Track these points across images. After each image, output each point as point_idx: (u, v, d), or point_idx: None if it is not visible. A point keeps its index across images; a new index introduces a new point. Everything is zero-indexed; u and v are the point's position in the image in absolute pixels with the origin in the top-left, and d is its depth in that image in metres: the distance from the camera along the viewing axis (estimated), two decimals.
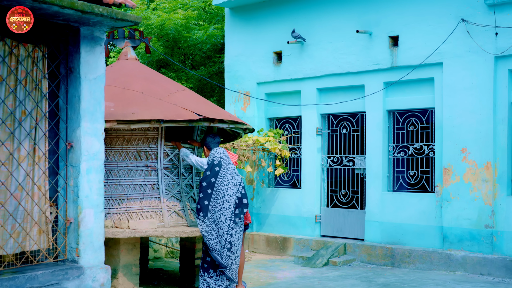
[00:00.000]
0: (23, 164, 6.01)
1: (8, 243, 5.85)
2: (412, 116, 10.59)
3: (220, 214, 6.93)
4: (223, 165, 6.94)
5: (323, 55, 11.47)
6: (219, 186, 6.86)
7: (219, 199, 6.87)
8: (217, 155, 7.01)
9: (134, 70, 8.61)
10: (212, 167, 6.97)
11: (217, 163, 6.94)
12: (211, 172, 6.94)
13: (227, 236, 6.90)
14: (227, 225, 6.86)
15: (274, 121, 12.50)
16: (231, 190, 6.88)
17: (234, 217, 6.97)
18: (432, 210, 10.10)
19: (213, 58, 16.21)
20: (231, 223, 6.89)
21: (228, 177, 6.90)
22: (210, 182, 6.90)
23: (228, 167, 6.97)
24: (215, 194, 6.86)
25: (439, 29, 10.02)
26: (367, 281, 8.95)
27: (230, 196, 6.89)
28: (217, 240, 6.96)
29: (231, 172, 6.96)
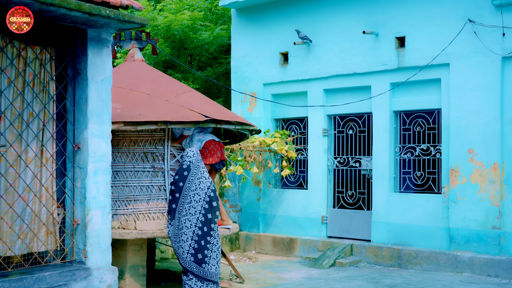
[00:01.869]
0: (30, 165, 6.04)
1: (16, 244, 5.89)
2: (418, 117, 10.57)
3: (185, 219, 6.90)
4: (192, 169, 6.90)
5: (329, 56, 11.46)
6: (186, 191, 6.83)
7: (185, 204, 6.84)
8: (187, 159, 6.97)
9: (141, 72, 8.64)
10: (181, 171, 6.95)
11: (186, 167, 6.91)
12: (179, 177, 6.92)
13: (191, 242, 6.88)
14: (191, 231, 6.83)
15: (280, 122, 12.51)
16: (197, 196, 6.84)
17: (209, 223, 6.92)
18: (439, 211, 10.08)
19: (219, 59, 16.23)
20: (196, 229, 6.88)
21: (196, 182, 6.86)
22: (178, 186, 6.88)
23: (197, 172, 6.91)
24: (182, 199, 6.83)
25: (446, 29, 10.00)
26: (374, 282, 8.95)
27: (197, 202, 6.85)
28: (179, 245, 6.94)
29: (200, 176, 6.90)
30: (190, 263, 6.84)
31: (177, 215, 6.85)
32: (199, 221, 6.79)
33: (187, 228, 6.80)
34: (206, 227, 6.81)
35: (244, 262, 10.97)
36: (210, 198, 6.88)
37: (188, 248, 6.85)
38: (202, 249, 6.85)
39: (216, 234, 7.01)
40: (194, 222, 6.78)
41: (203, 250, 6.85)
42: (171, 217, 6.95)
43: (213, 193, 6.91)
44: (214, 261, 7.00)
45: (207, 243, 6.85)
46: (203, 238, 6.84)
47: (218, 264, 7.09)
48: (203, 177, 6.87)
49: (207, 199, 6.86)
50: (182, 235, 6.81)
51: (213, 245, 6.95)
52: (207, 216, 6.79)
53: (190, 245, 6.82)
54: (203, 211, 6.80)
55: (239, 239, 12.42)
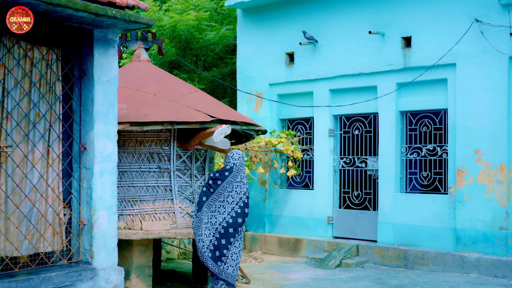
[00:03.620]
0: (37, 166, 6.05)
1: (23, 245, 5.90)
2: (425, 117, 10.54)
3: (212, 215, 6.93)
4: (234, 171, 6.93)
5: (335, 56, 11.44)
6: (222, 190, 6.85)
7: (217, 202, 6.86)
8: (231, 161, 6.98)
9: (147, 72, 8.64)
10: (223, 170, 6.97)
11: (229, 168, 6.93)
12: (220, 175, 6.94)
13: (212, 238, 6.91)
14: (215, 228, 6.86)
15: (286, 122, 12.49)
16: (231, 198, 6.87)
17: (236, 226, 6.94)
18: (446, 212, 10.05)
19: (225, 59, 16.23)
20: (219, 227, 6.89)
21: (234, 184, 6.88)
22: (215, 183, 6.90)
23: (237, 175, 6.94)
24: (215, 196, 6.85)
25: (452, 29, 9.97)
26: (380, 283, 8.92)
27: (229, 203, 6.88)
28: (200, 238, 6.99)
29: (239, 180, 6.93)
30: (207, 258, 6.85)
31: (205, 209, 6.85)
32: (225, 221, 6.81)
33: (211, 225, 6.81)
34: (232, 228, 6.85)
35: (250, 263, 10.96)
36: (244, 204, 6.91)
37: (208, 243, 6.85)
38: (222, 248, 6.86)
39: (239, 238, 7.03)
40: (219, 221, 6.81)
41: (223, 249, 6.87)
42: (198, 209, 6.94)
43: (247, 200, 6.94)
44: (233, 262, 7.01)
45: (228, 243, 6.87)
46: (226, 237, 6.85)
47: (236, 267, 7.08)
48: (242, 182, 6.91)
49: (241, 204, 6.89)
50: (205, 230, 6.82)
51: (234, 247, 6.96)
52: (237, 219, 6.81)
53: (211, 241, 6.84)
54: (233, 214, 6.83)
55: (244, 239, 12.41)
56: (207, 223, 6.93)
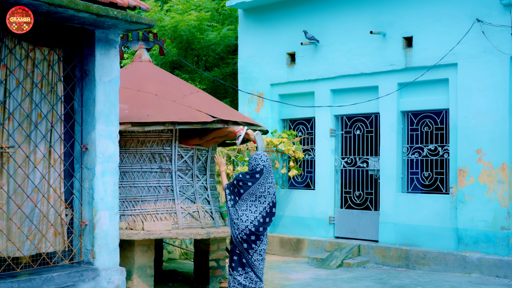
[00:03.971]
0: (39, 166, 6.05)
1: (25, 245, 5.91)
2: (426, 117, 10.54)
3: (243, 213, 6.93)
4: (264, 173, 6.94)
5: (336, 56, 11.44)
6: (253, 190, 6.85)
7: (248, 201, 6.87)
8: (261, 163, 6.98)
9: (148, 72, 8.65)
10: (253, 172, 6.96)
11: (259, 170, 6.92)
12: (251, 177, 6.93)
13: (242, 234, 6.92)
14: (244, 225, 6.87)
15: (287, 122, 12.50)
16: (263, 198, 6.89)
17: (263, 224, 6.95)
18: (447, 212, 10.05)
19: (226, 59, 16.24)
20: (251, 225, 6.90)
21: (266, 185, 6.92)
22: (246, 184, 6.88)
23: (268, 176, 6.96)
24: (246, 196, 6.86)
25: (453, 29, 9.97)
26: (382, 283, 8.92)
27: (261, 203, 6.91)
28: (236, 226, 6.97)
29: (270, 181, 6.97)
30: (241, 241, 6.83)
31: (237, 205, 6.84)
32: (257, 220, 6.83)
33: (241, 222, 6.81)
34: (262, 227, 6.85)
35: None
36: (273, 204, 6.94)
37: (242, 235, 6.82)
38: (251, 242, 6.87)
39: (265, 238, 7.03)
40: (251, 219, 6.81)
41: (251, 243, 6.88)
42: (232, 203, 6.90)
43: (275, 199, 6.97)
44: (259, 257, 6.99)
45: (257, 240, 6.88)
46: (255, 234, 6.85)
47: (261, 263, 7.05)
48: (272, 183, 6.93)
49: (271, 204, 6.90)
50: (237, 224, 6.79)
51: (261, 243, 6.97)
52: (266, 218, 6.82)
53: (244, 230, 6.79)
54: (264, 213, 6.83)
55: None
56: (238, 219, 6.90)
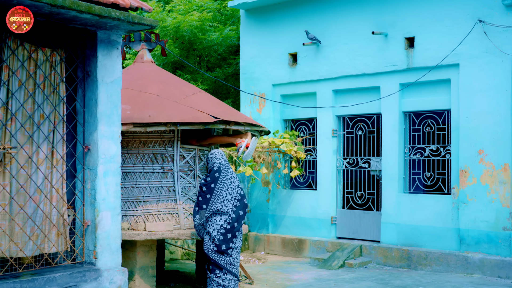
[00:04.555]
0: (41, 167, 6.07)
1: (28, 246, 5.92)
2: (428, 118, 10.54)
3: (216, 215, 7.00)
4: (222, 170, 7.02)
5: (338, 56, 11.45)
6: (218, 191, 6.95)
7: (218, 204, 6.95)
8: (216, 161, 7.09)
9: (150, 73, 8.66)
10: (212, 173, 7.05)
11: (217, 169, 7.02)
12: (211, 178, 7.03)
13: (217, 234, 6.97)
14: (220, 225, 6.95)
15: (289, 122, 12.50)
16: (229, 195, 6.99)
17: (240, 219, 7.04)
18: (449, 212, 10.04)
19: (228, 59, 16.24)
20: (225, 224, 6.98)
21: (227, 182, 7.00)
22: (209, 187, 7.00)
23: (227, 172, 7.05)
24: (214, 199, 6.94)
25: (455, 30, 9.96)
26: (383, 283, 8.93)
27: (229, 200, 7.00)
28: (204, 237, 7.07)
29: (230, 177, 7.06)
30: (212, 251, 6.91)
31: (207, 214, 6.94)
32: (230, 217, 6.90)
33: (216, 222, 6.90)
34: (237, 223, 6.94)
35: (254, 263, 10.97)
36: (241, 196, 7.03)
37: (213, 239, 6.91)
38: (228, 242, 6.92)
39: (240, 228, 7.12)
40: (225, 218, 6.89)
41: (229, 242, 6.93)
42: (200, 217, 7.02)
43: (242, 191, 7.08)
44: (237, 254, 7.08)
45: (233, 237, 6.94)
46: (231, 232, 6.92)
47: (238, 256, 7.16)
48: (233, 177, 7.05)
49: (238, 197, 6.99)
50: (209, 226, 6.90)
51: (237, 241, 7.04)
52: (238, 213, 6.93)
53: (215, 236, 6.90)
54: (234, 208, 6.94)
55: (248, 239, 12.43)
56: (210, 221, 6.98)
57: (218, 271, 6.97)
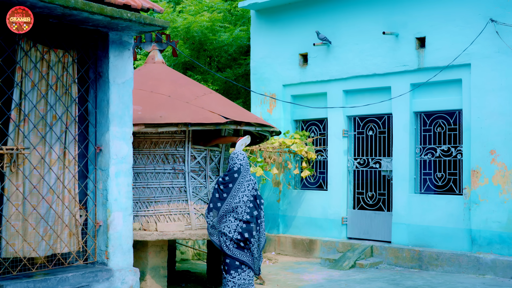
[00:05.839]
0: (54, 168, 6.10)
1: (41, 246, 5.96)
2: (439, 118, 10.50)
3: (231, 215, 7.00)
4: (242, 172, 7.02)
5: (349, 57, 11.43)
6: (236, 192, 6.95)
7: (233, 204, 6.95)
8: (237, 162, 7.08)
9: (161, 74, 8.69)
10: (231, 173, 7.04)
11: (237, 169, 7.01)
12: (230, 178, 7.02)
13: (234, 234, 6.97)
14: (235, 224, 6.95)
15: (300, 123, 12.50)
16: (246, 197, 6.99)
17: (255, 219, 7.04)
18: (460, 213, 10.00)
19: (238, 60, 16.25)
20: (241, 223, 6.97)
21: (245, 184, 7.01)
22: (227, 186, 6.99)
23: (246, 174, 7.05)
24: (230, 199, 6.94)
25: (467, 29, 9.92)
26: (395, 284, 8.90)
27: (245, 202, 6.99)
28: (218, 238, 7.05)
29: (248, 179, 7.06)
30: (233, 249, 6.92)
31: (221, 213, 6.94)
32: (245, 218, 6.91)
33: (230, 222, 6.90)
34: (253, 223, 6.94)
35: (264, 263, 10.98)
36: (257, 197, 7.04)
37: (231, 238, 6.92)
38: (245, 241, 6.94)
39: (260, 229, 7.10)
40: (240, 218, 6.90)
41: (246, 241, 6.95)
42: (213, 214, 7.01)
43: (258, 192, 7.08)
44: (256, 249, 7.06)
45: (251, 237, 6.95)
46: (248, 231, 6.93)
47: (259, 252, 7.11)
48: (251, 179, 7.05)
49: (251, 198, 6.99)
50: (225, 228, 6.90)
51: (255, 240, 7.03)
52: (252, 213, 6.92)
53: (233, 236, 6.90)
54: (248, 210, 6.93)
55: None
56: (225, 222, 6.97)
57: (234, 272, 6.97)
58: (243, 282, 7.00)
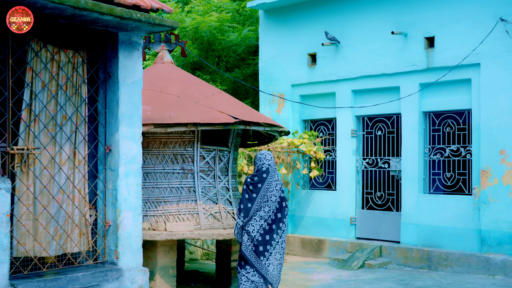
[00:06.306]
0: (64, 167, 6.13)
1: (51, 245, 5.99)
2: (448, 118, 10.47)
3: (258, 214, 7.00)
4: (270, 172, 7.02)
5: (357, 56, 11.42)
6: (264, 191, 6.96)
7: (262, 203, 6.95)
8: (266, 162, 7.07)
9: (170, 74, 8.70)
10: (260, 173, 7.03)
11: (265, 169, 7.01)
12: (259, 178, 7.01)
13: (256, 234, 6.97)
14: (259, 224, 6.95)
15: (308, 123, 12.49)
16: (274, 196, 7.00)
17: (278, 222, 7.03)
18: (470, 213, 9.97)
19: (247, 60, 16.27)
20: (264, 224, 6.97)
21: (273, 184, 7.02)
22: (256, 187, 6.98)
23: (274, 174, 7.06)
24: (259, 199, 6.94)
25: (476, 29, 9.88)
26: (404, 284, 8.88)
27: (273, 202, 7.01)
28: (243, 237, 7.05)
29: (277, 179, 7.07)
30: (251, 252, 6.92)
31: (251, 213, 6.96)
32: (270, 218, 6.92)
33: (255, 221, 6.92)
34: (275, 225, 6.95)
35: None
36: (282, 199, 7.04)
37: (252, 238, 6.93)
38: (265, 244, 6.94)
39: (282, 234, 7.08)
40: (265, 217, 6.92)
41: (266, 244, 6.94)
42: (244, 215, 7.01)
43: (283, 194, 7.09)
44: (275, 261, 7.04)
45: (271, 240, 6.95)
46: (269, 233, 6.93)
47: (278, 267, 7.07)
48: (278, 180, 7.06)
49: (278, 199, 7.00)
50: (249, 226, 6.92)
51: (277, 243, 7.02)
52: (277, 215, 6.93)
53: (255, 236, 6.91)
54: (274, 210, 6.95)
55: None
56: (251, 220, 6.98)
57: (249, 267, 6.97)
58: (258, 279, 6.98)
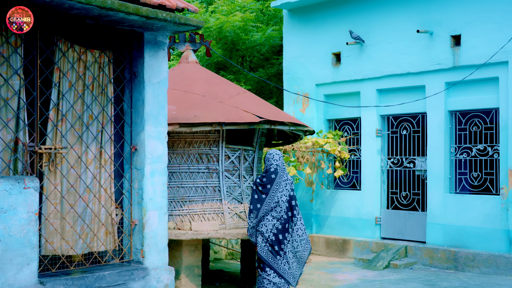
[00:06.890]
0: (90, 167, 6.18)
1: (78, 244, 6.04)
2: (475, 117, 10.34)
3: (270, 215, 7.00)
4: (279, 172, 7.03)
5: (382, 55, 11.33)
6: (274, 192, 6.97)
7: (272, 203, 6.96)
8: (274, 162, 7.09)
9: (195, 73, 8.73)
10: (269, 173, 7.05)
11: (274, 170, 7.02)
12: (267, 179, 7.03)
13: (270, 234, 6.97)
14: (272, 224, 6.96)
15: (333, 122, 12.44)
16: (284, 196, 7.00)
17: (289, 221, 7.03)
18: (497, 213, 9.83)
19: (271, 60, 16.25)
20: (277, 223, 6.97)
21: (283, 184, 7.03)
22: (265, 187, 7.01)
23: (283, 174, 7.06)
24: (269, 200, 6.95)
25: (504, 26, 9.74)
26: (430, 285, 8.80)
27: (284, 202, 7.01)
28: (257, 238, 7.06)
29: (286, 178, 7.08)
30: (267, 252, 6.94)
31: (260, 214, 6.98)
32: (283, 218, 6.94)
33: (268, 221, 6.94)
34: (287, 224, 6.97)
35: None
36: (292, 197, 7.06)
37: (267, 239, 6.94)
38: (279, 243, 6.94)
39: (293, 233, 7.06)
40: (277, 217, 6.94)
41: (281, 244, 6.95)
42: (254, 216, 7.04)
43: (293, 193, 7.10)
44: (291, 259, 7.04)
45: (284, 238, 6.96)
46: (282, 232, 6.94)
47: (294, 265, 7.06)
48: (288, 179, 7.09)
49: (288, 198, 7.02)
50: (262, 227, 6.94)
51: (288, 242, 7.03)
52: (288, 214, 6.94)
53: (269, 237, 6.93)
54: (285, 209, 6.96)
55: None
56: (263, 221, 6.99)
57: (269, 269, 6.98)
58: (279, 280, 6.99)
